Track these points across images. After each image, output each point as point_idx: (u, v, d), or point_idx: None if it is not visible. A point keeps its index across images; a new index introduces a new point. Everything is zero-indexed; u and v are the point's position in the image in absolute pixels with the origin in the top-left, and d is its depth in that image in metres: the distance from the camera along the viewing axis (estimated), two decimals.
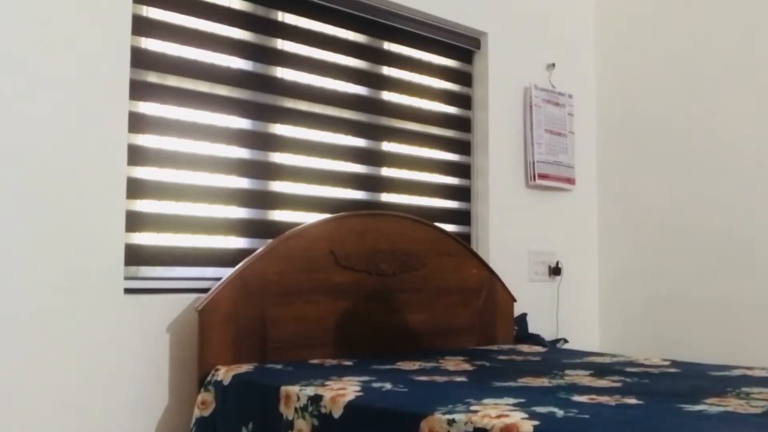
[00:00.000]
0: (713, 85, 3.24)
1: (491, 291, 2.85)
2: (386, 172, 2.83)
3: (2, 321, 1.82)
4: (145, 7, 2.20)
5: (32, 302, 1.87)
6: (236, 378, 1.93)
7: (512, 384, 1.76)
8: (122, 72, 2.07)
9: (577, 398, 1.54)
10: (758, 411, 1.40)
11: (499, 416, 1.31)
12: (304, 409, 1.65)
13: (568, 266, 3.40)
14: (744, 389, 1.68)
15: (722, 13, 3.22)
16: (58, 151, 1.93)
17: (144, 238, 2.16)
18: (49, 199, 1.91)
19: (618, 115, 3.60)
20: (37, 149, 1.90)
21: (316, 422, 1.61)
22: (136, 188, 2.14)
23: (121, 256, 2.05)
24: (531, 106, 3.25)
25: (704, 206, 3.24)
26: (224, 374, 1.95)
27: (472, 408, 1.41)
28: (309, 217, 2.51)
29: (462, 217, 3.12)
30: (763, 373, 1.97)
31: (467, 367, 2.10)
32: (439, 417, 1.37)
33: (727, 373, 1.98)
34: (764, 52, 3.09)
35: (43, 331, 1.89)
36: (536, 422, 1.26)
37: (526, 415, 1.32)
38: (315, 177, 2.58)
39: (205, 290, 2.15)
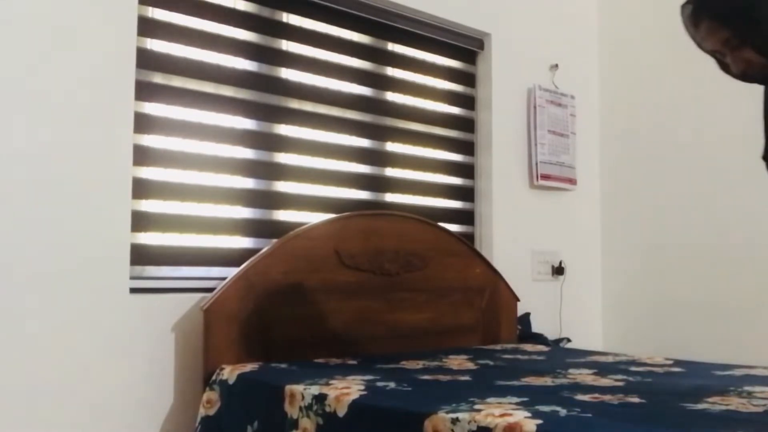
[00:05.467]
0: (716, 86, 3.24)
1: (495, 290, 2.86)
2: (390, 172, 2.84)
3: (7, 320, 1.84)
4: (150, 8, 2.21)
5: (37, 301, 1.89)
6: (241, 377, 1.94)
7: (515, 383, 1.76)
8: (128, 73, 2.09)
9: (580, 397, 1.55)
10: (760, 410, 1.40)
11: (502, 415, 1.32)
12: (308, 408, 1.66)
13: (571, 266, 3.41)
14: (746, 388, 1.68)
15: None
16: (64, 152, 1.95)
17: (149, 238, 2.17)
18: (55, 199, 1.93)
19: (620, 116, 3.60)
20: (42, 149, 1.91)
21: (320, 421, 1.62)
22: (141, 188, 2.15)
23: (127, 255, 2.06)
24: (535, 107, 3.25)
25: (706, 206, 3.24)
26: (229, 373, 1.96)
27: (476, 407, 1.42)
28: (313, 217, 2.52)
29: (466, 217, 3.13)
30: (766, 372, 1.97)
31: (471, 366, 2.11)
32: (443, 416, 1.38)
33: (729, 372, 1.99)
34: None
35: (48, 330, 1.90)
36: (539, 421, 1.27)
37: (530, 414, 1.33)
38: (319, 177, 2.59)
39: (210, 290, 2.16)
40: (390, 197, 2.83)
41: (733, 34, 1.26)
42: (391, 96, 2.87)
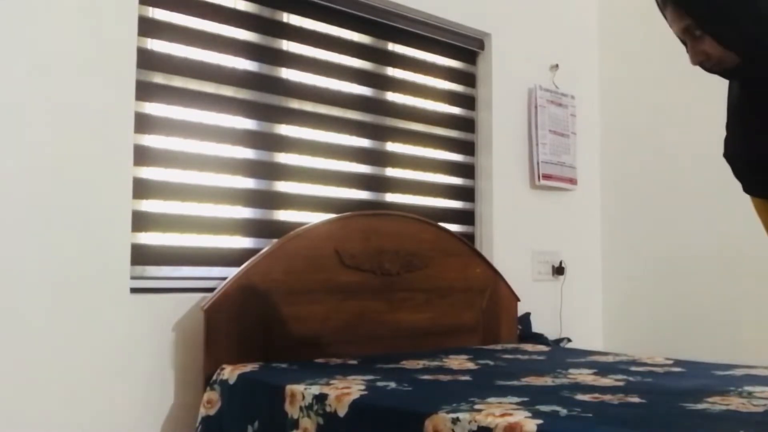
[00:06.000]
0: (716, 86, 3.24)
1: (495, 290, 2.86)
2: (391, 172, 2.84)
3: (8, 320, 1.84)
4: (151, 9, 2.21)
5: (38, 301, 1.89)
6: (242, 377, 1.94)
7: (516, 383, 1.77)
8: (128, 73, 2.09)
9: (580, 397, 1.55)
10: (760, 410, 1.41)
11: (502, 415, 1.33)
12: (309, 407, 1.66)
13: (572, 266, 3.41)
14: (746, 388, 1.69)
15: None
16: (64, 152, 1.95)
17: (150, 238, 2.17)
18: (56, 199, 1.93)
19: (621, 116, 3.60)
20: (43, 150, 1.91)
21: (321, 421, 1.63)
22: (142, 188, 2.15)
23: (128, 255, 2.07)
24: (535, 107, 3.25)
25: (707, 206, 3.24)
26: (230, 373, 1.96)
27: (476, 407, 1.42)
28: (314, 217, 2.52)
29: (466, 217, 3.13)
30: (766, 372, 1.98)
31: (471, 366, 2.11)
32: (444, 416, 1.38)
33: (729, 372, 1.99)
34: None
35: (49, 330, 1.90)
36: (540, 421, 1.27)
37: (530, 414, 1.33)
38: (320, 177, 2.59)
39: (210, 290, 2.16)
40: (390, 197, 2.83)
41: (694, 23, 1.22)
42: (392, 96, 2.87)
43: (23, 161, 1.88)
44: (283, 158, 2.50)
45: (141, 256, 2.14)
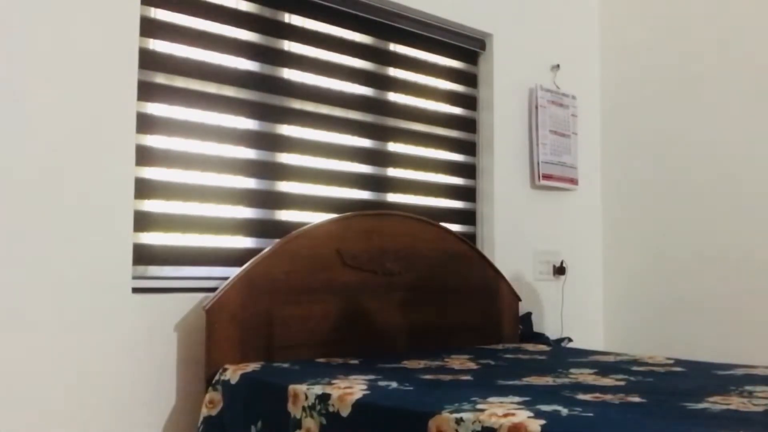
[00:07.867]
0: (717, 87, 3.25)
1: (496, 290, 2.87)
2: (392, 172, 2.85)
3: (9, 320, 1.84)
4: (152, 9, 2.21)
5: (39, 301, 1.89)
6: (244, 377, 1.94)
7: (517, 383, 1.77)
8: (130, 73, 2.09)
9: (581, 397, 1.56)
10: (761, 409, 1.41)
11: (506, 415, 1.33)
12: (312, 407, 1.67)
13: (573, 266, 3.41)
14: (747, 388, 1.69)
15: (726, 14, 3.22)
16: (66, 152, 1.95)
17: (152, 238, 2.18)
18: (58, 199, 1.93)
19: (622, 116, 3.61)
20: (45, 149, 1.92)
21: (324, 421, 1.63)
22: (144, 188, 2.16)
23: (129, 255, 2.07)
24: (536, 107, 3.26)
25: (708, 206, 3.25)
26: (232, 373, 1.97)
27: (478, 407, 1.42)
28: (315, 217, 2.52)
29: (467, 217, 3.14)
30: (766, 372, 1.98)
31: (472, 365, 2.12)
32: (447, 416, 1.38)
33: (730, 372, 1.99)
34: None
35: (50, 329, 1.91)
36: (543, 421, 1.28)
37: (532, 414, 1.33)
38: (321, 177, 2.60)
39: (212, 290, 2.17)
40: (392, 197, 2.83)
41: None
42: (393, 96, 2.88)
43: (25, 161, 1.88)
44: (285, 158, 2.51)
45: (143, 255, 2.15)
